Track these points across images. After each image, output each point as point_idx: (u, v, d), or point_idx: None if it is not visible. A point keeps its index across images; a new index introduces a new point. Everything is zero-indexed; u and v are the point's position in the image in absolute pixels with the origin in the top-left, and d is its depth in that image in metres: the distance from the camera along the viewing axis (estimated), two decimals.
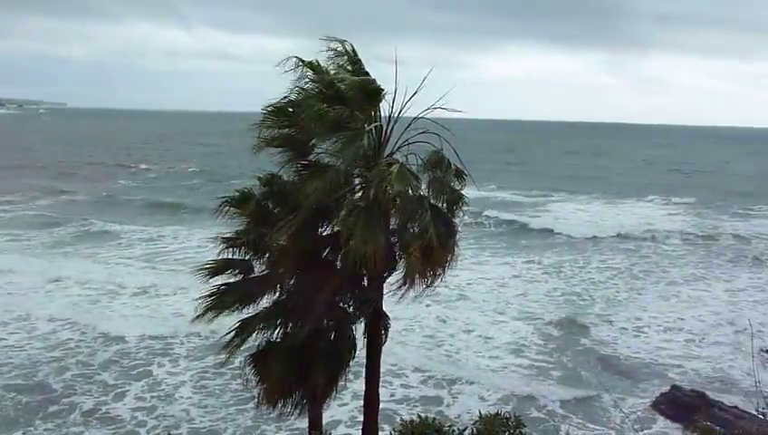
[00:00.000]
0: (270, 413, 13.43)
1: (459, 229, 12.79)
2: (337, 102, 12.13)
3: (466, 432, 13.02)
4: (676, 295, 36.49)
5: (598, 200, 73.19)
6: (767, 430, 7.14)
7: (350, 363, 13.23)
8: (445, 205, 12.62)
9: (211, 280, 12.97)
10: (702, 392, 22.56)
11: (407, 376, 24.72)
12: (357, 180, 12.66)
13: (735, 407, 20.99)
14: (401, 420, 14.39)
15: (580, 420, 21.60)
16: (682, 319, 32.34)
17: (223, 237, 13.03)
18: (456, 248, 12.51)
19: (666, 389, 23.20)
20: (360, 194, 12.49)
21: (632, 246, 48.41)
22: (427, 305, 31.25)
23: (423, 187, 12.53)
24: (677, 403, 21.93)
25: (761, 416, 8.21)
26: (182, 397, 23.27)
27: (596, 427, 21.30)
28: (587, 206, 69.36)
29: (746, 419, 18.15)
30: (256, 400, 13.14)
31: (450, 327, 30.35)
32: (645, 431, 20.58)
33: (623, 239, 50.95)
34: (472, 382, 24.45)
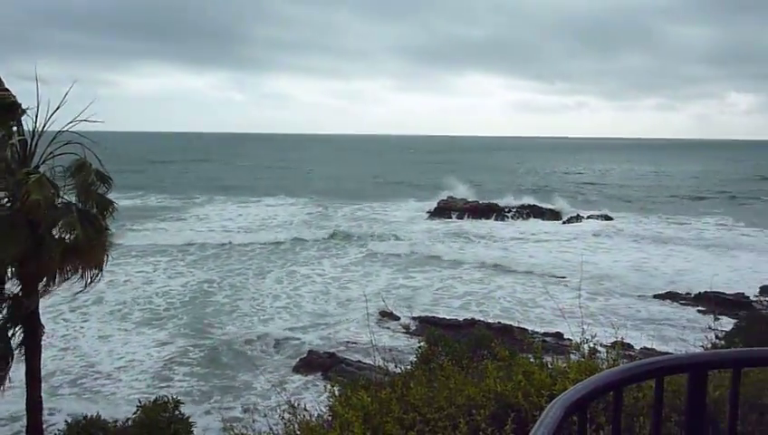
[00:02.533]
0: None
1: (110, 232, 11.98)
2: None
3: (129, 423, 12.29)
4: (293, 274, 37.48)
5: (231, 201, 73.54)
6: (384, 379, 7.56)
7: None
8: (95, 210, 11.76)
9: None
10: (332, 353, 23.78)
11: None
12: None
13: (359, 361, 22.46)
14: (65, 421, 13.08)
15: (230, 399, 21.32)
16: (299, 295, 33.11)
17: None
18: (108, 250, 11.77)
19: (304, 355, 23.99)
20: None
21: (265, 237, 49.12)
22: (59, 314, 28.40)
23: (72, 197, 11.62)
24: (313, 365, 22.94)
25: (378, 366, 8.67)
26: None
27: (242, 393, 21.29)
28: (223, 206, 69.50)
29: (367, 369, 19.40)
30: None
31: (85, 330, 27.49)
32: (283, 388, 20.97)
33: (256, 232, 51.87)
34: (117, 379, 22.65)
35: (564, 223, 58.47)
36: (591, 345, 6.84)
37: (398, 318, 28.22)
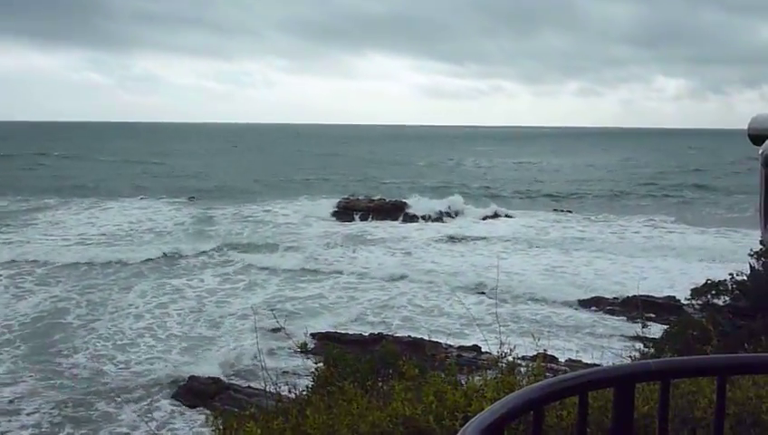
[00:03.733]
0: None
1: None
2: None
3: None
4: (162, 287, 36.78)
5: (91, 203, 71.33)
6: (276, 406, 7.55)
7: None
8: None
9: None
10: (217, 378, 23.43)
11: None
12: None
13: (249, 386, 22.13)
14: None
15: (90, 431, 20.68)
16: (167, 313, 32.29)
17: None
18: None
19: (183, 381, 23.53)
20: None
21: (132, 247, 48.08)
22: None
23: None
24: (194, 392, 22.49)
25: (270, 392, 8.56)
26: None
27: (103, 426, 20.76)
28: (82, 209, 67.33)
29: (258, 396, 19.25)
30: None
31: None
32: (153, 419, 20.65)
33: (121, 240, 50.76)
34: None
35: (478, 223, 59.83)
36: (511, 359, 7.00)
37: (291, 335, 27.94)
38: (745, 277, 21.09)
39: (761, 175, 2.02)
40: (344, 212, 62.44)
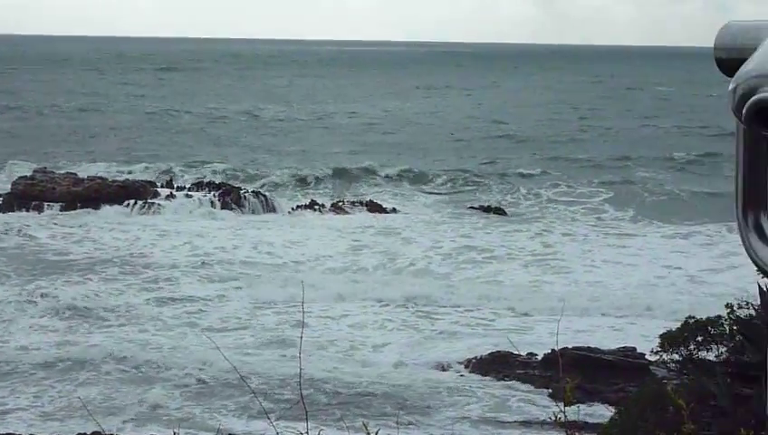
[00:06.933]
0: None
1: None
2: None
3: None
4: None
5: None
6: None
7: None
8: None
9: None
10: None
11: None
12: None
13: None
14: None
15: None
16: None
17: None
18: None
19: None
20: None
21: None
22: None
23: None
24: None
25: None
26: None
27: None
28: None
29: None
30: None
31: None
32: None
33: None
34: None
35: (264, 228, 50.32)
36: None
37: None
38: (753, 311, 18.83)
39: (737, 135, 1.89)
40: (23, 204, 51.26)
